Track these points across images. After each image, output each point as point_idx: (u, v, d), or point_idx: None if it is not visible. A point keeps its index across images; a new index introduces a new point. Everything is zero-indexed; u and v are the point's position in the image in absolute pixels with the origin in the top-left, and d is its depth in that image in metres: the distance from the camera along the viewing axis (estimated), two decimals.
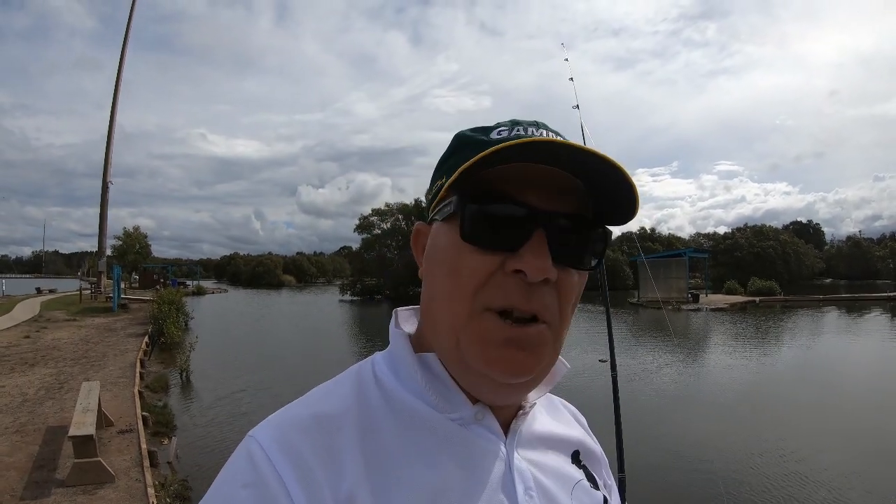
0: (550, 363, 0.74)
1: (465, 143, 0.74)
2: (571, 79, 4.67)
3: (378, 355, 0.80)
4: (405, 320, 0.85)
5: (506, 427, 0.77)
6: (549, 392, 0.90)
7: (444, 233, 0.72)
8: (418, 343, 0.78)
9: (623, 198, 0.70)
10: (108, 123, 41.01)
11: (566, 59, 4.85)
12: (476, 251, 0.68)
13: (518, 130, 0.72)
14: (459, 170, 0.65)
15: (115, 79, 42.05)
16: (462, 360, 0.70)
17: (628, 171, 0.66)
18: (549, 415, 0.89)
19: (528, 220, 0.67)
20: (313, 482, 0.62)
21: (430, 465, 0.67)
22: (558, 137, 0.72)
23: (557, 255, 0.67)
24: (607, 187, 0.69)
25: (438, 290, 0.72)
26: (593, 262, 0.73)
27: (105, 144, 40.45)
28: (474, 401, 0.74)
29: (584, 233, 0.71)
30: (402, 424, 0.70)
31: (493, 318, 0.67)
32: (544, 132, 0.73)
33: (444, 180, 0.73)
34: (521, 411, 0.79)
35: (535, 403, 0.81)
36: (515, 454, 0.75)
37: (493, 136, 0.72)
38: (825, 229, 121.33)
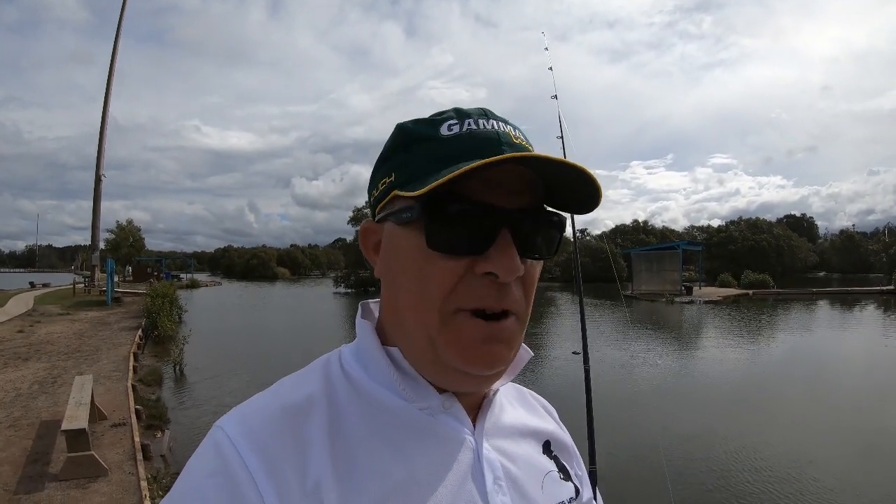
0: (518, 349, 0.76)
1: (413, 139, 0.73)
2: (551, 68, 4.65)
3: (345, 347, 0.80)
4: (371, 312, 0.84)
5: (474, 417, 0.77)
6: (521, 385, 0.92)
7: (405, 238, 0.71)
8: (381, 335, 0.78)
9: (586, 194, 0.71)
10: (100, 116, 40.92)
11: (546, 49, 4.85)
12: (443, 257, 0.67)
13: (469, 125, 0.71)
14: (432, 185, 0.64)
15: (107, 71, 41.93)
16: (435, 359, 0.70)
17: (592, 173, 0.67)
18: (520, 406, 0.90)
19: (492, 221, 0.67)
20: (280, 472, 0.62)
21: (398, 455, 0.68)
22: (508, 127, 0.73)
23: (523, 251, 0.68)
24: (569, 186, 0.70)
25: (405, 295, 0.72)
26: (553, 249, 0.74)
27: (98, 137, 40.36)
28: (441, 390, 0.74)
29: (544, 225, 0.72)
30: (369, 414, 0.71)
31: (467, 318, 0.68)
32: (493, 122, 0.72)
33: (391, 179, 0.73)
34: (485, 399, 0.80)
35: (497, 390, 0.82)
36: (485, 444, 0.75)
37: (443, 130, 0.71)
38: (819, 223, 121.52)
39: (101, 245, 45.40)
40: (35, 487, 6.16)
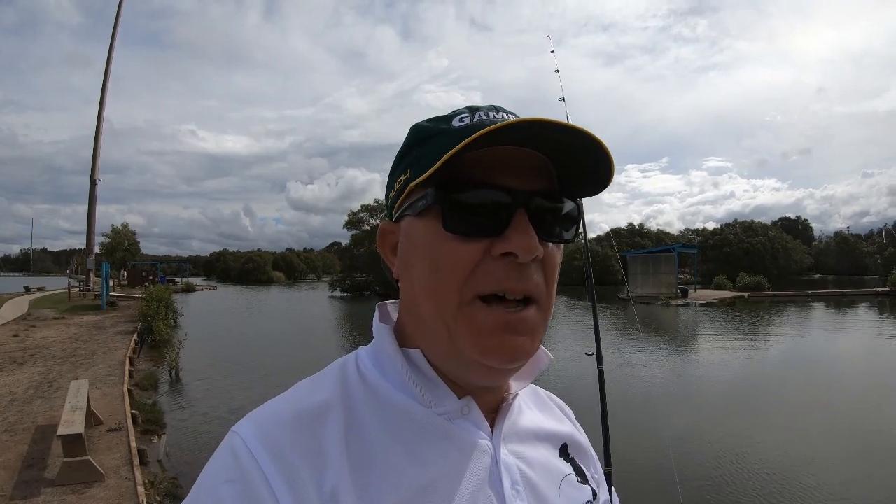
0: (541, 342, 0.75)
1: (427, 135, 0.73)
2: (557, 71, 4.64)
3: (361, 350, 0.80)
4: (389, 315, 0.84)
5: (491, 421, 0.77)
6: (534, 384, 0.90)
7: (421, 227, 0.71)
8: (400, 339, 0.77)
9: (596, 168, 0.71)
10: (96, 120, 40.81)
11: (552, 52, 4.83)
12: (460, 240, 0.67)
13: (480, 116, 0.72)
14: (442, 159, 0.64)
15: (103, 75, 41.86)
16: (455, 352, 0.69)
17: (603, 141, 0.66)
18: (537, 408, 0.89)
19: (508, 201, 0.67)
20: (297, 478, 0.61)
21: (416, 461, 0.67)
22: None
23: (540, 232, 0.68)
24: (578, 160, 0.70)
25: (422, 285, 0.71)
26: (571, 235, 0.74)
27: (93, 141, 40.25)
28: (460, 395, 0.74)
29: (559, 207, 0.72)
30: (387, 419, 0.70)
31: (482, 307, 0.67)
32: (504, 115, 0.73)
33: (407, 175, 0.72)
34: (503, 403, 0.79)
35: (517, 394, 0.82)
36: (502, 448, 0.75)
37: (455, 123, 0.72)
38: (814, 225, 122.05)
39: (97, 249, 45.33)
40: (31, 493, 6.13)
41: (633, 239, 78.65)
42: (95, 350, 15.79)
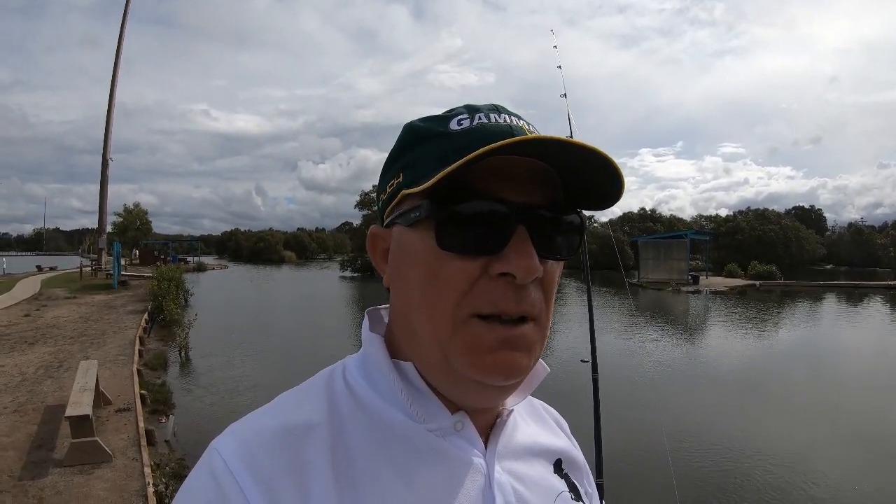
0: (538, 359, 0.71)
1: (421, 137, 0.69)
2: (559, 66, 4.55)
3: (350, 360, 0.76)
4: (378, 322, 0.80)
5: (485, 437, 0.73)
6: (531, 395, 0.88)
7: (415, 240, 0.66)
8: (390, 349, 0.73)
9: (606, 184, 0.66)
10: (107, 99, 40.86)
11: (555, 47, 4.74)
12: (456, 258, 0.63)
13: (480, 118, 0.67)
14: (439, 175, 0.60)
15: (114, 54, 41.81)
16: (449, 371, 0.66)
17: (615, 161, 0.62)
18: (532, 421, 0.86)
19: (507, 217, 0.63)
20: (279, 500, 0.58)
21: (406, 480, 0.64)
22: (521, 122, 0.69)
23: (541, 250, 0.64)
24: (586, 172, 0.65)
25: (415, 301, 0.67)
26: (573, 248, 0.70)
27: (105, 120, 40.34)
28: (453, 410, 0.70)
29: (562, 222, 0.68)
30: (376, 436, 0.66)
31: (479, 323, 0.63)
32: (506, 116, 0.68)
33: (400, 179, 0.69)
34: (499, 419, 0.76)
35: (512, 410, 0.77)
36: (496, 466, 0.71)
37: (453, 125, 0.67)
38: (827, 215, 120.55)
39: (108, 228, 45.62)
40: (39, 473, 6.21)
41: (644, 224, 78.35)
42: (106, 330, 15.94)
